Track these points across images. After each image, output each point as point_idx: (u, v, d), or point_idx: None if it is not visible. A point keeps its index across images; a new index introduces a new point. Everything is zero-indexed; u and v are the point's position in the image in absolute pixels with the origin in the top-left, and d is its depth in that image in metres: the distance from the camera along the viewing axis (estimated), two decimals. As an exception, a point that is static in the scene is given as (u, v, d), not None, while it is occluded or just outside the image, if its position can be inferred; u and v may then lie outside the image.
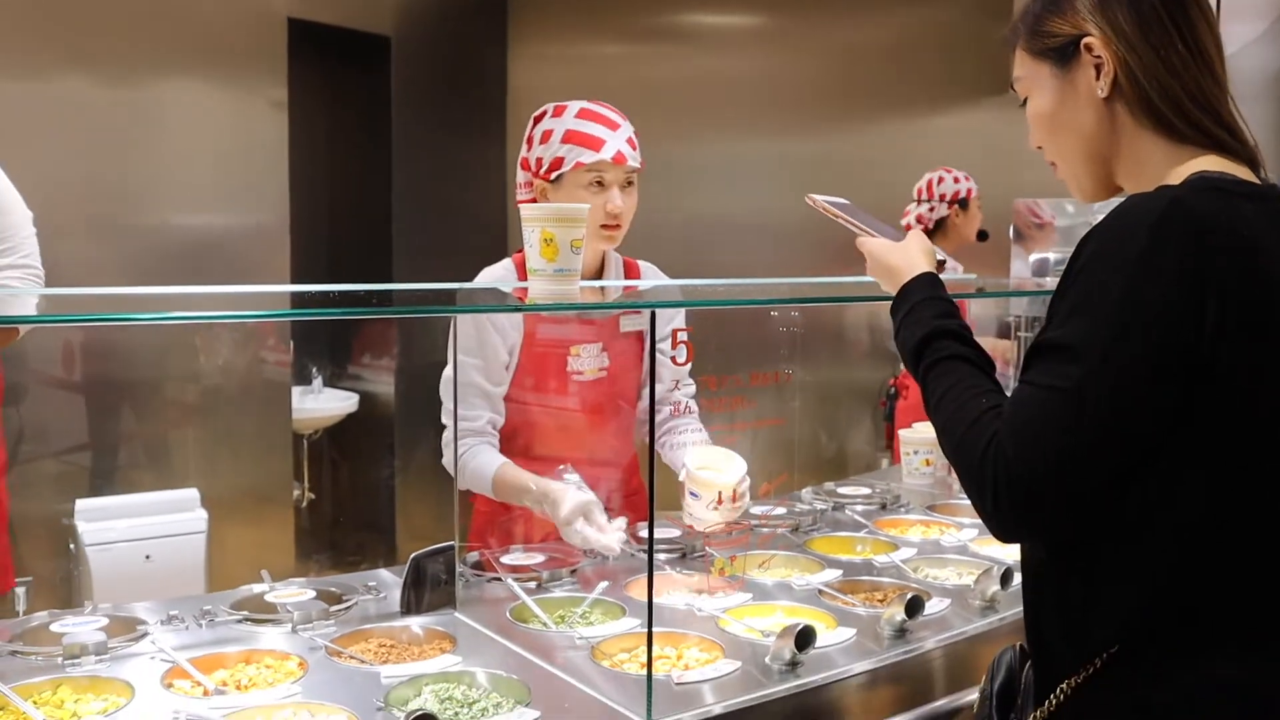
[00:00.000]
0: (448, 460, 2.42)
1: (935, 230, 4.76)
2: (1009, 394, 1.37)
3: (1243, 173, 1.40)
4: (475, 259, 2.58)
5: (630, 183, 2.41)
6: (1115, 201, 1.37)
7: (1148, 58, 1.39)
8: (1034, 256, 4.12)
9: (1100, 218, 3.08)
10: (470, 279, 2.45)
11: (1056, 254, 3.97)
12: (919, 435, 3.37)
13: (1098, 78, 1.42)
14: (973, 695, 1.99)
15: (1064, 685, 1.36)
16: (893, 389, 4.85)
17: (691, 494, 2.26)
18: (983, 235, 4.72)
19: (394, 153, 5.51)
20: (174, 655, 1.84)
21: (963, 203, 4.69)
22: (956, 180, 4.72)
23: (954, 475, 3.26)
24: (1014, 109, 1.59)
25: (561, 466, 2.34)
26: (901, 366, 4.75)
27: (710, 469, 2.27)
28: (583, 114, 2.38)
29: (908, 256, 1.64)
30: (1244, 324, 1.26)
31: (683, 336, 2.04)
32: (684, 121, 5.70)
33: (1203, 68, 1.40)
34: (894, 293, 1.63)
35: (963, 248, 4.72)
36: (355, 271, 5.66)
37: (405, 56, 5.49)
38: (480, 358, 2.42)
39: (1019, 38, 1.51)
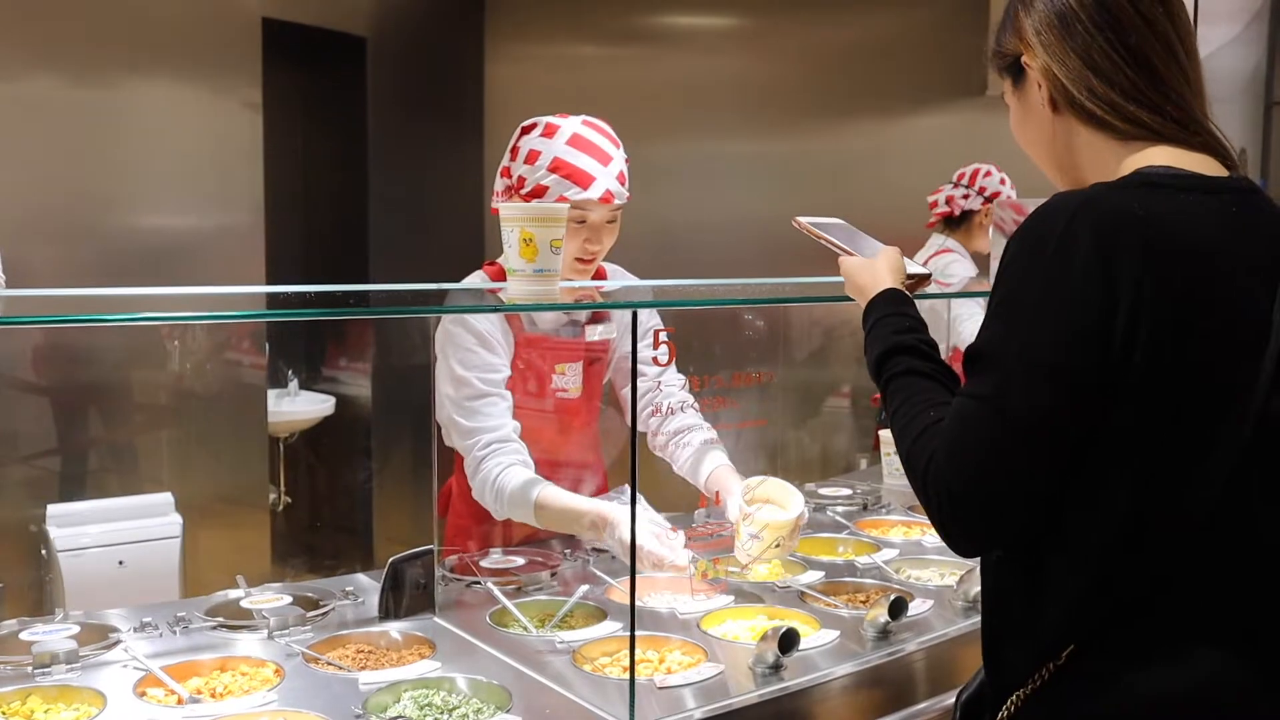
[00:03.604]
0: (479, 490, 2.30)
1: (960, 221, 4.62)
2: None
3: (1201, 164, 1.39)
4: (452, 261, 2.55)
5: (614, 219, 2.34)
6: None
7: (1073, 65, 1.41)
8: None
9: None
10: (448, 280, 2.42)
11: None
12: (899, 436, 3.36)
13: (1039, 90, 1.45)
14: (951, 693, 1.99)
15: (1015, 696, 1.36)
16: None
17: (753, 536, 2.17)
18: None
19: (370, 154, 5.47)
20: (147, 663, 1.81)
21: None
22: (1003, 181, 4.63)
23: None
24: (992, 110, 1.60)
25: (615, 490, 2.31)
26: None
27: (767, 503, 2.20)
28: (574, 141, 2.26)
29: (874, 274, 1.66)
30: (1159, 321, 1.25)
31: (664, 336, 2.00)
32: (662, 122, 5.68)
33: (1138, 66, 1.39)
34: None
35: (981, 255, 4.62)
36: (331, 274, 5.62)
37: (381, 57, 5.45)
38: (489, 370, 2.32)
39: (990, 58, 1.55)
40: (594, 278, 2.50)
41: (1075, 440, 1.27)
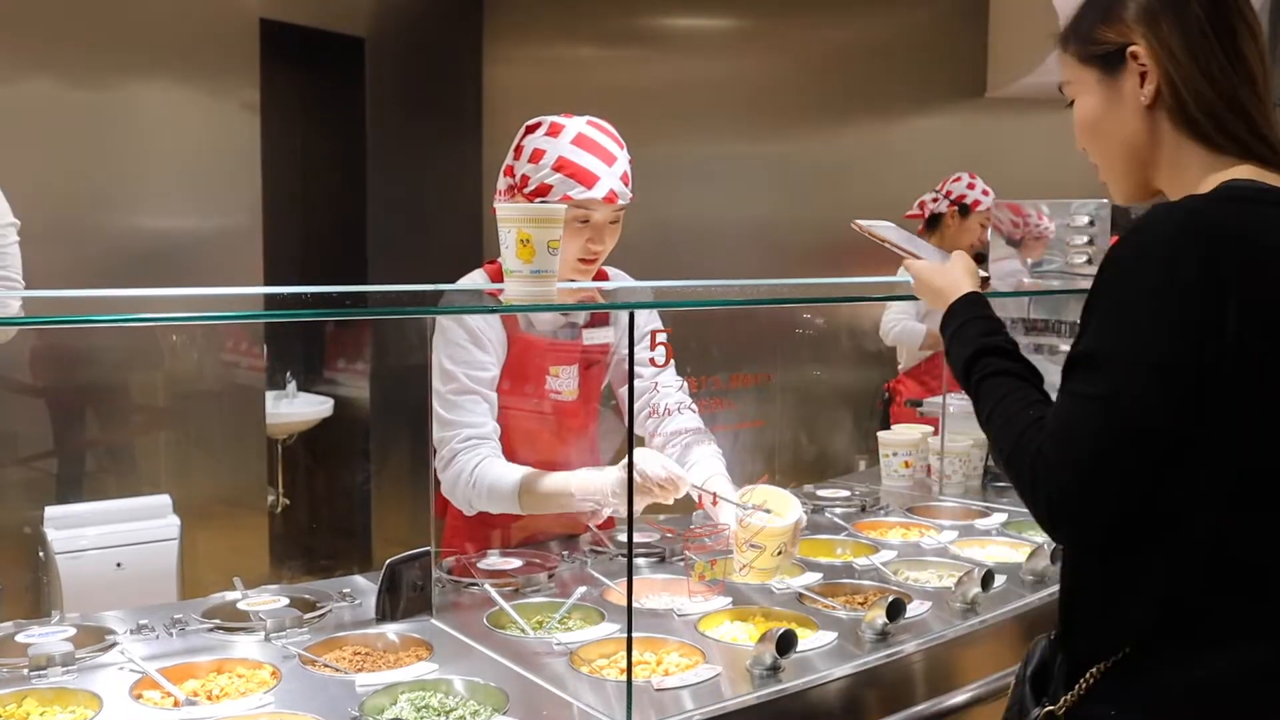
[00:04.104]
0: (450, 485, 2.31)
1: (931, 226, 4.75)
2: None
3: (1277, 181, 1.46)
4: (451, 262, 2.54)
5: (617, 220, 2.34)
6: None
7: (1189, 68, 1.45)
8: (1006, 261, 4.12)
9: (1080, 220, 3.07)
10: (447, 282, 2.42)
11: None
12: (898, 437, 3.36)
13: (1141, 86, 1.48)
14: (956, 698, 1.99)
15: (1094, 670, 1.44)
16: (887, 393, 4.84)
17: (752, 546, 2.17)
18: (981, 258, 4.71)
19: (369, 155, 5.47)
20: (143, 665, 1.80)
21: (963, 208, 4.69)
22: (970, 186, 4.71)
23: (932, 477, 3.26)
24: (991, 111, 1.60)
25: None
26: (899, 369, 4.78)
27: (763, 511, 2.19)
28: (579, 140, 2.26)
29: (952, 278, 1.73)
30: (1264, 328, 1.34)
31: (661, 338, 2.00)
32: (660, 124, 5.67)
33: (1242, 79, 1.45)
34: (941, 312, 1.72)
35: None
36: (330, 275, 5.61)
37: (380, 58, 5.45)
38: (477, 368, 2.33)
39: (1067, 43, 1.57)
40: (595, 280, 2.50)
41: (1179, 440, 1.35)
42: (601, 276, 2.54)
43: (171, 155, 4.20)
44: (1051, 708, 1.49)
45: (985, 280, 1.79)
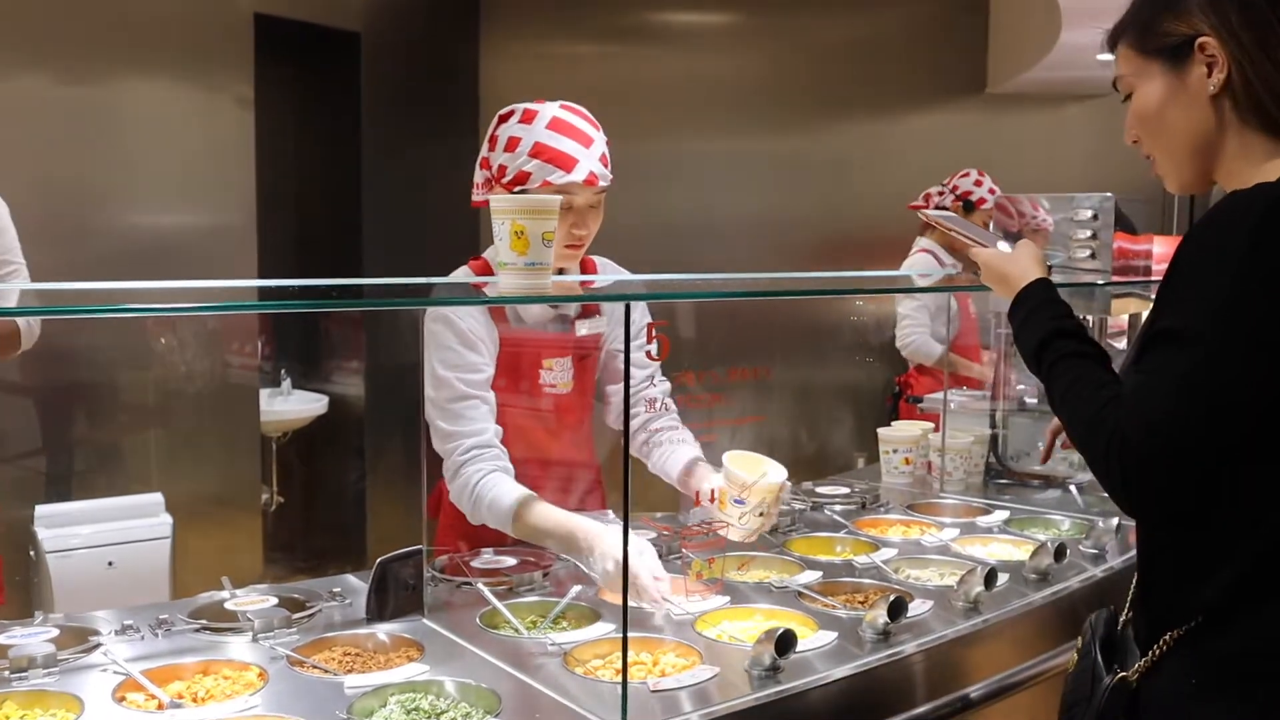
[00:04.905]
0: (456, 494, 2.26)
1: None
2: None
3: None
4: (447, 257, 2.50)
5: (597, 204, 2.29)
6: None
7: (1258, 58, 1.47)
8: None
9: (1083, 214, 3.02)
10: (442, 276, 2.38)
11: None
12: (898, 434, 3.32)
13: (1209, 76, 1.50)
14: (959, 700, 1.95)
15: (1168, 636, 1.48)
16: (898, 387, 4.81)
17: (736, 501, 2.17)
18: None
19: (364, 151, 5.43)
20: (127, 667, 1.76)
21: (968, 204, 4.69)
22: (977, 183, 4.73)
23: (933, 474, 3.22)
24: (992, 106, 1.58)
25: (602, 512, 2.27)
26: (910, 365, 4.75)
27: (749, 472, 2.20)
28: (555, 124, 2.22)
29: (1020, 265, 1.77)
30: None
31: (654, 331, 1.96)
32: (658, 120, 5.64)
33: None
34: (1010, 299, 1.75)
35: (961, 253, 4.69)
36: (325, 271, 5.56)
37: (375, 53, 5.41)
38: (471, 371, 2.27)
39: (1126, 37, 1.59)
40: (583, 270, 2.46)
41: (1258, 420, 1.38)
42: (590, 267, 2.51)
43: (165, 151, 4.16)
44: (1125, 674, 1.52)
45: (1050, 269, 1.81)
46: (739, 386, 2.31)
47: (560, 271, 2.39)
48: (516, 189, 2.21)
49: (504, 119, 2.27)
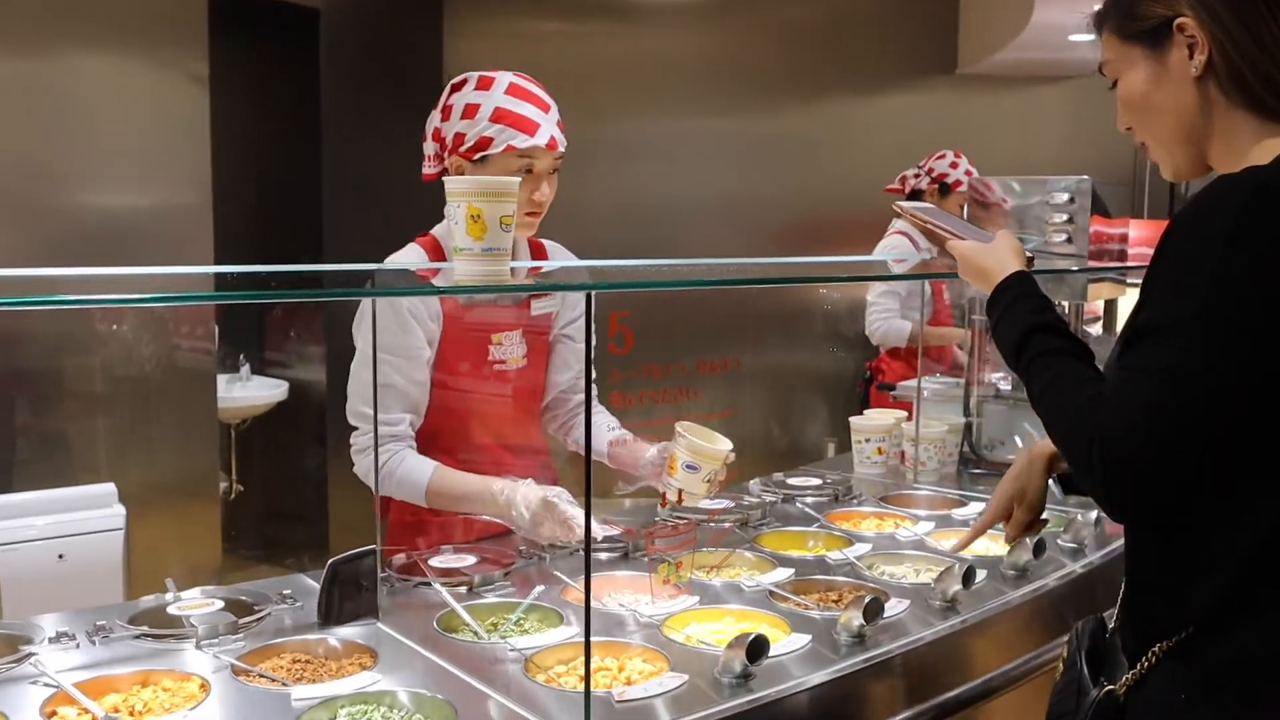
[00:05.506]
0: (362, 468, 2.26)
1: (912, 200, 4.70)
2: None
3: None
4: (410, 239, 2.42)
5: (556, 169, 2.28)
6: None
7: (1240, 36, 1.42)
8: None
9: (1059, 197, 2.95)
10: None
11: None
12: (871, 423, 3.24)
13: (1191, 58, 1.45)
14: (940, 704, 1.87)
15: (1156, 648, 1.42)
16: (868, 373, 4.75)
17: (688, 466, 2.16)
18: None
19: (323, 130, 5.30)
20: (58, 679, 1.65)
21: (943, 187, 4.65)
22: (953, 165, 4.69)
23: (906, 464, 3.15)
24: (962, 87, 1.50)
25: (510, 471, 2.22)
26: (880, 350, 4.69)
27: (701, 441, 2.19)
28: (513, 90, 2.21)
29: (998, 257, 1.71)
30: None
31: (620, 323, 1.88)
32: (625, 99, 5.54)
33: None
34: (988, 293, 1.69)
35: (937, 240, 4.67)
36: (285, 254, 5.44)
37: (335, 29, 5.28)
38: (401, 354, 2.23)
39: (1109, 22, 1.54)
40: (533, 255, 2.42)
41: (1246, 417, 1.31)
42: (539, 249, 2.46)
43: (115, 129, 4.02)
44: (1111, 687, 1.46)
45: (1030, 260, 1.75)
46: (706, 380, 2.23)
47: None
48: (478, 155, 2.19)
49: (457, 87, 2.25)
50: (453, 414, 2.31)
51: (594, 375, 2.33)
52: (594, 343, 1.79)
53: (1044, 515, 1.77)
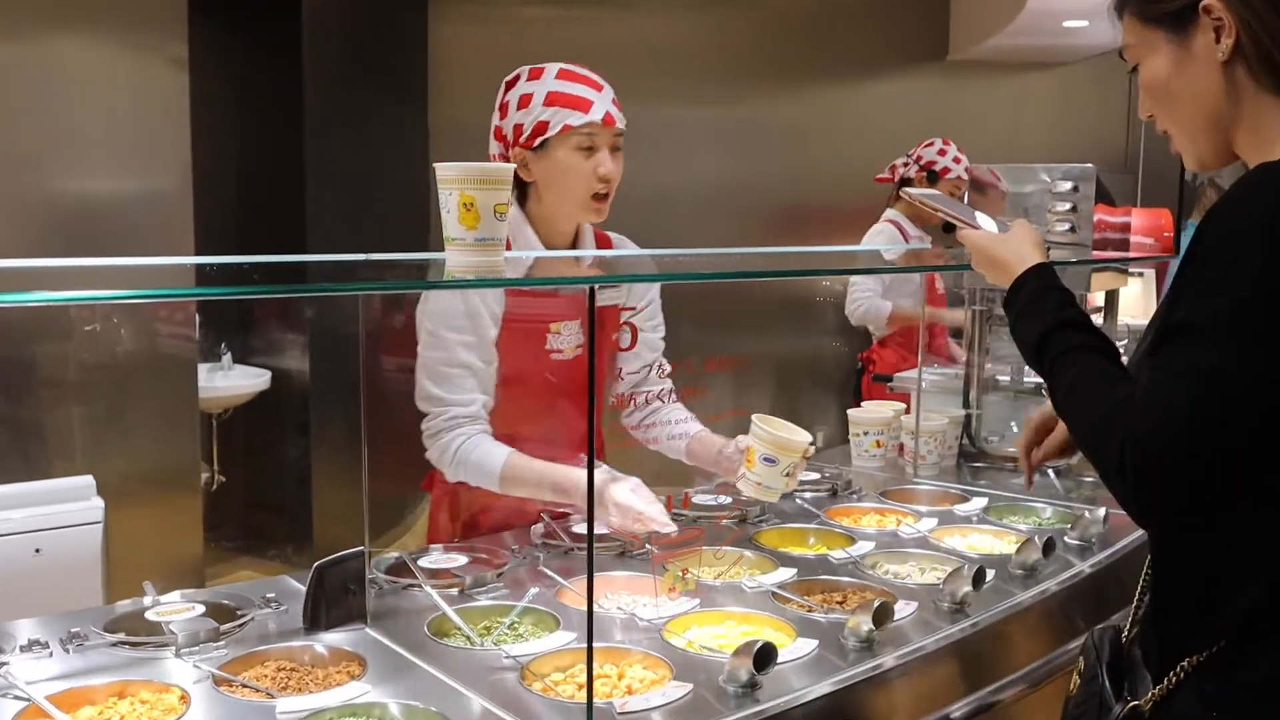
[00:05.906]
0: (436, 455, 2.23)
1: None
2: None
3: None
4: (395, 229, 2.35)
5: (618, 147, 2.25)
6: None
7: (1270, 17, 1.35)
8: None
9: (1063, 186, 2.87)
10: (389, 250, 2.19)
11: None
12: (869, 415, 3.17)
13: (1217, 41, 1.38)
14: (939, 714, 1.81)
15: (1185, 663, 1.35)
16: (860, 364, 4.70)
17: (766, 459, 2.12)
18: (948, 228, 4.61)
19: (307, 116, 5.20)
20: (29, 691, 1.57)
21: (931, 175, 4.60)
22: (941, 153, 4.66)
23: (905, 457, 3.08)
24: (953, 74, 1.43)
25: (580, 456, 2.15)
26: (874, 340, 4.64)
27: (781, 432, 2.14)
28: (563, 75, 2.22)
29: (1015, 249, 1.63)
30: None
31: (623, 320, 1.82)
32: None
33: None
34: (1005, 286, 1.62)
35: (929, 226, 4.65)
36: (267, 242, 5.33)
37: (318, 13, 5.18)
38: (471, 333, 2.22)
39: (1129, 4, 1.48)
40: (599, 245, 2.40)
41: None
42: (605, 242, 2.44)
43: (91, 113, 3.92)
44: (1136, 703, 1.40)
45: (1048, 250, 1.66)
46: (714, 377, 2.17)
47: (576, 235, 2.33)
48: (538, 141, 2.19)
49: (511, 84, 2.26)
50: (508, 400, 2.28)
51: (668, 369, 2.32)
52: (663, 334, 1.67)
53: None
